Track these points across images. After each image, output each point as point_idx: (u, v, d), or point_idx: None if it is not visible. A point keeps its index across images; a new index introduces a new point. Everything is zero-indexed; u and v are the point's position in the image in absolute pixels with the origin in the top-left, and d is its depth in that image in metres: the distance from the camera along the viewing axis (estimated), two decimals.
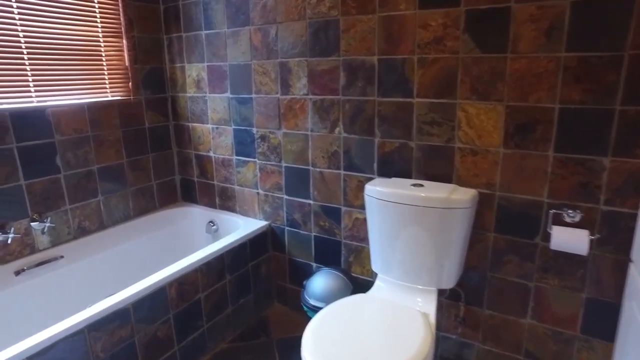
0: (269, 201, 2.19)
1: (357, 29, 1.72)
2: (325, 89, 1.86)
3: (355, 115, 1.80)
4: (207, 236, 2.41)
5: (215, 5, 2.10)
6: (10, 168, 1.80)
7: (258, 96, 2.07)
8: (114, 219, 2.24)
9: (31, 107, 1.84)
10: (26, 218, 1.88)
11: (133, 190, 2.32)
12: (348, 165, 1.88)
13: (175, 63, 2.37)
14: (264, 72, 2.01)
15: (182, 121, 2.44)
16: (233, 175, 2.29)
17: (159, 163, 2.44)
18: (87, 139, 2.07)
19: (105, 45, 2.10)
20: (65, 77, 1.94)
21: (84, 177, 2.08)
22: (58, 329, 1.35)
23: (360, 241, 1.94)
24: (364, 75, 1.74)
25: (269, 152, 2.11)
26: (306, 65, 1.88)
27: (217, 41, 2.14)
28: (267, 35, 1.96)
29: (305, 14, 1.83)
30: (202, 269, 1.84)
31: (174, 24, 2.31)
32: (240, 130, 2.18)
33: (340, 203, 1.95)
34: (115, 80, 2.16)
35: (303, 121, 1.96)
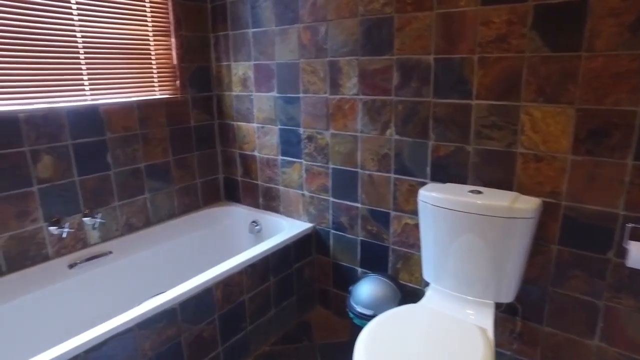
0: (315, 203, 2.15)
1: (412, 26, 1.64)
2: (376, 89, 1.79)
3: (409, 116, 1.73)
4: (250, 236, 2.39)
5: (264, 3, 2.07)
6: (65, 164, 1.84)
7: (306, 96, 2.02)
8: (160, 217, 2.26)
9: (85, 106, 1.87)
10: (79, 213, 1.92)
11: (178, 189, 2.33)
12: (399, 169, 1.81)
13: (221, 61, 2.36)
14: (313, 71, 1.97)
15: (227, 120, 2.43)
16: (278, 176, 2.26)
17: (203, 162, 2.45)
18: (136, 137, 2.09)
19: (155, 44, 2.11)
20: (117, 75, 1.97)
21: (132, 175, 2.10)
22: (110, 326, 1.36)
23: (409, 247, 1.87)
24: (419, 76, 1.66)
25: (316, 153, 2.06)
26: (357, 64, 1.82)
27: (265, 39, 2.12)
28: (317, 34, 1.92)
29: (357, 11, 1.77)
30: (247, 270, 1.82)
31: (221, 22, 2.30)
32: (286, 130, 2.15)
33: (390, 207, 1.88)
34: (164, 78, 2.17)
35: (352, 122, 1.90)
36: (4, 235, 1.69)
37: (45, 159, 1.77)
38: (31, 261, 1.78)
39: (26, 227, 1.75)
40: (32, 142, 1.73)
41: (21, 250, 1.75)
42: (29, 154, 1.72)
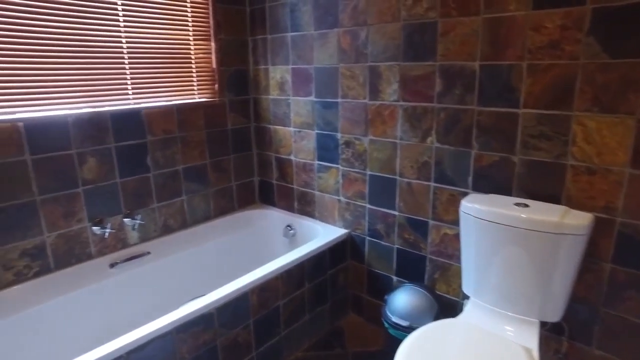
0: (350, 209, 2.12)
1: (457, 32, 1.59)
2: (418, 95, 1.75)
3: (451, 124, 1.68)
4: (284, 240, 2.39)
5: (303, 7, 2.06)
6: (108, 166, 1.89)
7: (344, 101, 2.00)
8: (196, 219, 2.29)
9: (128, 109, 1.91)
10: (120, 214, 1.96)
11: (214, 191, 2.36)
12: (439, 178, 1.76)
13: (259, 65, 2.37)
14: (352, 76, 1.94)
15: (263, 123, 2.44)
16: (314, 181, 2.25)
17: (239, 164, 2.47)
18: (175, 139, 2.12)
19: (195, 48, 2.14)
20: (158, 79, 2.00)
21: (171, 177, 2.14)
22: (151, 329, 1.38)
23: (448, 258, 1.82)
24: (463, 82, 1.61)
25: (354, 159, 2.04)
26: (398, 70, 1.78)
27: (303, 43, 2.10)
28: (357, 38, 1.89)
29: (400, 15, 1.73)
30: (283, 276, 1.82)
31: (260, 26, 2.30)
32: (323, 135, 2.13)
33: (428, 216, 1.84)
34: (203, 82, 2.20)
35: (392, 129, 1.86)
36: (52, 234, 1.75)
37: (90, 161, 1.82)
38: (76, 259, 1.84)
39: (72, 227, 1.81)
40: (79, 145, 1.78)
41: (67, 248, 1.80)
42: (76, 157, 1.78)
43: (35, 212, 1.70)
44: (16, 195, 1.64)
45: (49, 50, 1.64)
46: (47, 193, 1.72)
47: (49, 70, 1.65)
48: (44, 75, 1.64)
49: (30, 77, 1.61)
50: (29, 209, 1.68)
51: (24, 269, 1.70)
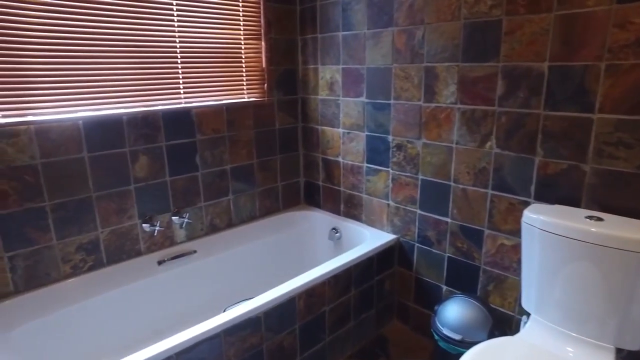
0: (400, 214, 2.05)
1: (524, 30, 1.49)
2: (477, 98, 1.66)
3: (513, 129, 1.58)
4: (330, 243, 2.35)
5: (356, 6, 2.01)
6: (159, 165, 1.90)
7: (397, 102, 1.93)
8: (241, 218, 2.29)
9: (179, 108, 1.92)
10: (168, 212, 1.98)
11: (260, 191, 2.35)
12: (498, 185, 1.66)
13: (308, 64, 2.33)
14: (406, 77, 1.87)
15: (311, 123, 2.41)
16: (362, 183, 2.19)
17: (285, 165, 2.45)
18: (224, 139, 2.12)
19: (246, 47, 2.12)
20: (209, 79, 2.00)
21: (218, 176, 2.14)
22: (200, 330, 1.38)
23: (504, 269, 1.72)
24: (528, 85, 1.51)
25: (405, 163, 1.96)
26: (456, 71, 1.70)
27: (355, 43, 2.05)
28: (412, 38, 1.82)
29: (460, 14, 1.64)
30: (330, 281, 1.78)
31: (310, 25, 2.27)
32: (374, 137, 2.07)
33: (484, 225, 1.74)
34: (252, 81, 2.18)
35: (448, 132, 1.78)
36: (106, 230, 1.79)
37: (142, 159, 1.85)
38: (126, 255, 1.87)
39: (123, 224, 1.84)
40: (132, 143, 1.80)
41: (119, 244, 1.84)
42: (129, 154, 1.80)
43: (91, 208, 1.73)
44: (75, 192, 1.68)
45: (108, 51, 1.67)
46: (101, 190, 1.75)
47: (108, 71, 1.68)
48: (103, 75, 1.67)
49: (90, 77, 1.64)
50: (86, 205, 1.72)
51: (80, 262, 1.74)
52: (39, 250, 1.63)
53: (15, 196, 1.54)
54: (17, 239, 1.57)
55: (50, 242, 1.65)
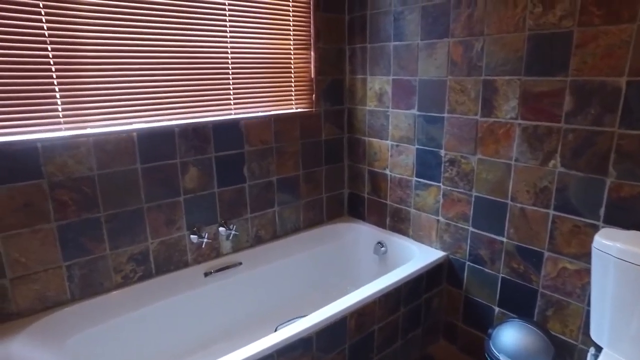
0: (450, 231, 1.98)
1: (599, 43, 1.40)
2: (541, 114, 1.57)
3: (581, 147, 1.49)
4: (375, 257, 2.30)
5: (409, 15, 1.95)
6: (208, 176, 1.90)
7: (451, 116, 1.86)
8: (286, 230, 2.27)
9: (229, 120, 1.91)
10: (215, 224, 1.98)
11: (305, 203, 2.32)
12: (561, 205, 1.57)
13: (356, 74, 2.29)
14: (462, 90, 1.80)
15: (357, 134, 2.36)
16: (410, 198, 2.13)
17: (330, 176, 2.41)
18: (271, 150, 2.11)
19: (295, 57, 2.10)
20: (259, 90, 1.99)
21: (265, 188, 2.12)
22: (253, 351, 1.35)
23: (566, 295, 1.62)
24: (601, 101, 1.42)
25: (458, 179, 1.89)
26: (519, 85, 1.62)
27: (407, 54, 1.99)
28: (470, 49, 1.75)
29: (525, 25, 1.56)
30: (381, 300, 1.73)
31: (359, 35, 2.22)
32: (424, 150, 2.01)
33: (544, 247, 1.65)
34: (301, 92, 2.16)
35: (506, 148, 1.70)
36: (155, 240, 1.80)
37: (191, 170, 1.85)
38: (174, 266, 1.88)
39: (172, 235, 1.85)
40: (182, 155, 1.81)
41: (167, 255, 1.84)
42: (179, 166, 1.81)
43: (142, 218, 1.75)
44: (128, 202, 1.69)
45: (162, 65, 1.68)
46: (152, 201, 1.76)
47: (162, 82, 1.69)
48: (157, 87, 1.68)
49: (145, 90, 1.65)
50: (137, 216, 1.73)
51: (130, 272, 1.76)
52: (94, 260, 1.65)
53: (74, 207, 1.57)
54: (74, 248, 1.59)
55: (104, 252, 1.67)
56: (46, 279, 1.56)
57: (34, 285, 1.53)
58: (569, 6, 1.44)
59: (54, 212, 1.53)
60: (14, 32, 1.35)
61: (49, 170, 1.49)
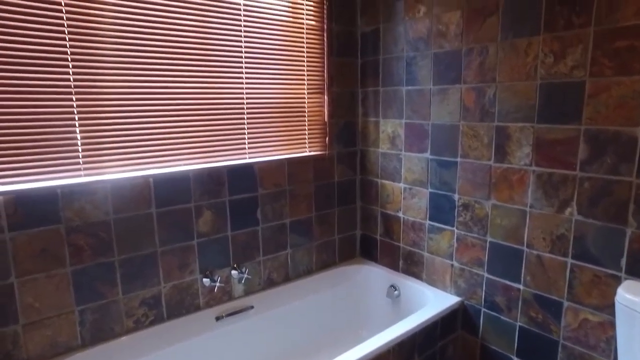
0: (465, 276, 1.94)
1: (611, 93, 1.40)
2: (556, 161, 1.57)
3: (599, 196, 1.47)
4: (387, 300, 2.26)
5: (421, 61, 1.99)
6: (222, 220, 1.91)
7: (464, 160, 1.87)
8: (298, 272, 2.25)
9: (243, 164, 1.94)
10: (228, 267, 1.97)
11: (317, 245, 2.31)
12: (580, 254, 1.54)
13: (368, 117, 2.32)
14: (475, 135, 1.81)
15: (370, 176, 2.37)
16: (423, 241, 2.11)
17: (342, 217, 2.41)
18: (284, 193, 2.12)
19: (309, 101, 2.14)
20: (273, 134, 2.02)
21: (278, 230, 2.12)
22: None
23: (589, 349, 1.56)
24: (617, 150, 1.41)
25: (472, 223, 1.87)
26: (532, 132, 1.62)
27: (420, 98, 2.02)
28: (482, 96, 1.77)
29: (537, 74, 1.58)
30: (395, 349, 1.68)
31: (372, 78, 2.27)
32: (438, 194, 2.00)
33: (563, 296, 1.61)
34: (314, 135, 2.19)
35: (521, 195, 1.69)
36: (168, 284, 1.79)
37: (205, 214, 1.86)
38: (186, 310, 1.86)
39: (185, 278, 1.84)
40: (197, 199, 1.83)
41: (179, 299, 1.83)
42: (194, 210, 1.82)
43: (156, 262, 1.75)
44: (142, 246, 1.70)
45: (179, 112, 1.72)
46: (166, 245, 1.77)
47: (179, 129, 1.73)
48: (174, 134, 1.72)
49: (162, 136, 1.69)
50: (151, 260, 1.73)
51: (142, 317, 1.74)
52: (106, 305, 1.65)
53: (89, 251, 1.58)
54: (87, 293, 1.60)
55: (116, 297, 1.67)
56: (58, 324, 1.55)
57: (46, 330, 1.53)
58: (580, 57, 1.46)
59: (70, 257, 1.55)
60: (43, 85, 1.41)
61: (66, 216, 1.52)
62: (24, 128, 1.40)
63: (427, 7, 1.95)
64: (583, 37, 1.45)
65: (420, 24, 1.98)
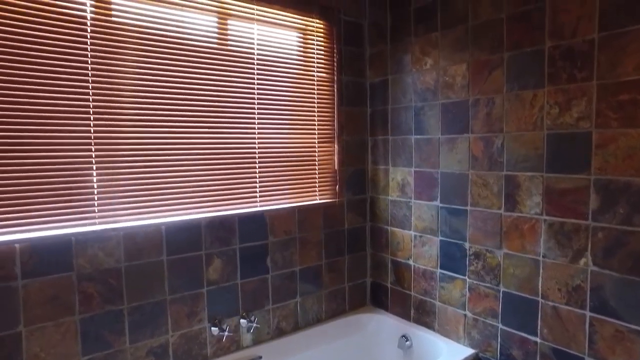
0: (479, 327, 1.89)
1: (619, 144, 1.42)
2: (567, 210, 1.56)
3: (613, 247, 1.45)
4: (399, 352, 2.19)
5: (429, 111, 2.04)
6: (231, 267, 1.91)
7: (474, 209, 1.86)
8: (307, 321, 2.21)
9: (254, 212, 1.96)
10: (237, 315, 1.95)
11: (327, 292, 2.28)
12: (599, 307, 1.50)
13: (378, 165, 2.35)
14: (484, 184, 1.82)
15: (379, 224, 2.37)
16: (435, 290, 2.07)
17: (352, 265, 2.38)
18: (294, 240, 2.12)
19: (320, 150, 2.19)
20: (284, 183, 2.06)
21: (287, 278, 2.11)
22: None
23: None
24: (629, 201, 1.40)
25: (484, 273, 1.85)
26: (541, 181, 1.63)
27: (428, 147, 2.05)
28: (490, 145, 1.79)
29: (543, 124, 1.61)
30: None
31: (381, 127, 2.32)
32: (448, 242, 1.99)
33: (584, 351, 1.55)
34: (324, 183, 2.22)
35: (533, 244, 1.67)
36: (176, 333, 1.77)
37: (215, 262, 1.86)
38: None
39: (193, 327, 1.82)
40: (208, 246, 1.84)
41: (187, 348, 1.80)
42: (204, 257, 1.83)
43: (165, 311, 1.74)
44: (151, 294, 1.70)
45: (193, 161, 1.77)
46: (176, 293, 1.76)
47: (192, 177, 1.77)
48: (187, 183, 1.76)
49: (176, 185, 1.73)
50: (160, 308, 1.72)
51: None
52: (113, 354, 1.62)
53: (99, 299, 1.58)
54: (94, 342, 1.58)
55: (123, 346, 1.65)
56: None
57: None
58: (585, 109, 1.49)
59: (79, 305, 1.55)
60: (66, 137, 1.48)
61: (79, 263, 1.53)
62: (45, 177, 1.45)
63: (433, 60, 2.02)
64: (587, 90, 1.49)
65: (427, 75, 2.05)
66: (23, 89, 1.40)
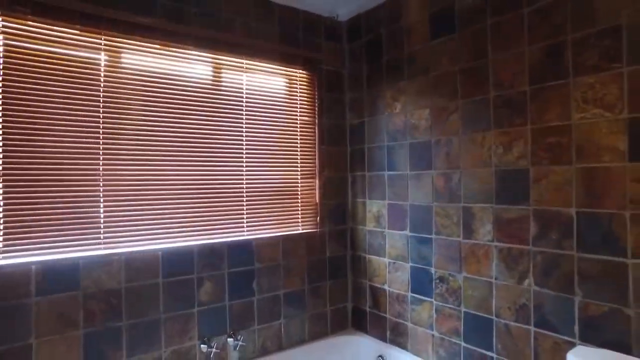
0: (445, 345, 2.07)
1: (549, 179, 1.66)
2: (513, 237, 1.78)
3: (549, 268, 1.66)
4: None
5: (399, 150, 2.30)
6: (220, 290, 2.12)
7: (438, 237, 2.09)
8: (291, 342, 2.38)
9: (242, 240, 2.19)
10: (224, 334, 2.13)
11: (310, 315, 2.46)
12: (540, 322, 1.69)
13: (357, 198, 2.60)
14: (446, 215, 2.05)
15: (359, 252, 2.58)
16: (407, 312, 2.26)
17: (334, 290, 2.58)
18: (278, 267, 2.33)
19: (302, 185, 2.44)
20: (269, 213, 2.29)
21: (272, 301, 2.31)
22: None
23: None
24: (559, 228, 1.63)
25: (448, 295, 2.05)
26: (492, 212, 1.86)
27: (399, 182, 2.30)
28: (450, 180, 2.03)
29: (492, 162, 1.86)
30: None
31: (359, 164, 2.57)
32: (417, 268, 2.20)
33: None
34: (307, 214, 2.45)
35: (486, 268, 1.88)
36: (168, 349, 1.96)
37: (206, 285, 2.08)
38: None
39: (184, 344, 2.01)
40: (199, 271, 2.05)
41: None
42: (196, 280, 2.04)
43: (158, 328, 1.94)
44: (148, 313, 1.90)
45: (187, 195, 2.02)
46: (170, 312, 1.96)
47: (186, 208, 2.01)
48: (182, 214, 2.01)
49: (172, 215, 1.98)
50: (154, 326, 1.92)
51: None
52: None
53: (100, 316, 1.79)
54: (95, 354, 1.77)
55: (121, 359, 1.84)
56: None
57: None
58: (523, 149, 1.74)
59: (83, 321, 1.75)
60: (79, 174, 1.73)
61: (85, 284, 1.75)
62: (59, 208, 1.71)
63: (402, 105, 2.30)
64: (523, 133, 1.74)
65: (397, 118, 2.32)
66: (44, 129, 1.68)
